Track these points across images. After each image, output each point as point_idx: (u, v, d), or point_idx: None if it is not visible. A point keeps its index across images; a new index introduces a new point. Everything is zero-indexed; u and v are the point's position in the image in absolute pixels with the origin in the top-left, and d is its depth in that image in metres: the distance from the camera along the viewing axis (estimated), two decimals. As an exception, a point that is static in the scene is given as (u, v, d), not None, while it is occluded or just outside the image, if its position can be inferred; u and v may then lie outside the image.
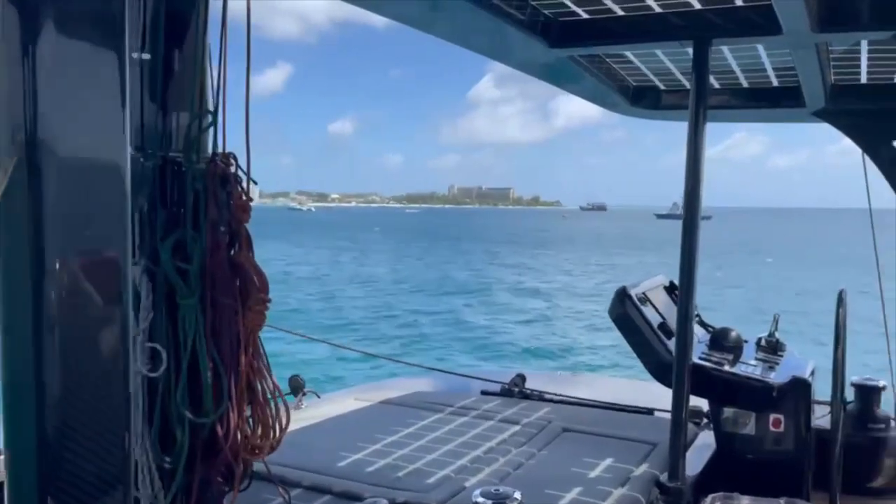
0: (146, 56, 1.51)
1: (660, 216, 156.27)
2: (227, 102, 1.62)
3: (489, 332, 21.65)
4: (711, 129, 2.90)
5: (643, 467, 3.06)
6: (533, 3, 2.84)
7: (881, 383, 3.81)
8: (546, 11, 2.95)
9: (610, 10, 2.89)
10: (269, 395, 1.65)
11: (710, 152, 2.97)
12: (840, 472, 3.10)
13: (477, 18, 2.63)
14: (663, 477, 2.87)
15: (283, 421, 1.67)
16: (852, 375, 3.73)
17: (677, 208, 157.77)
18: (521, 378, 4.32)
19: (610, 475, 2.99)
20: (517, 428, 3.57)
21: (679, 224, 2.88)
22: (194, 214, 1.56)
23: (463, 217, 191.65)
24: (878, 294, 4.14)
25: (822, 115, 4.01)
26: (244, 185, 1.65)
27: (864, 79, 3.76)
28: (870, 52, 3.29)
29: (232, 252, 1.62)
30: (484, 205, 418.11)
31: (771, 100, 4.03)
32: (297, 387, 4.15)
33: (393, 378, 5.03)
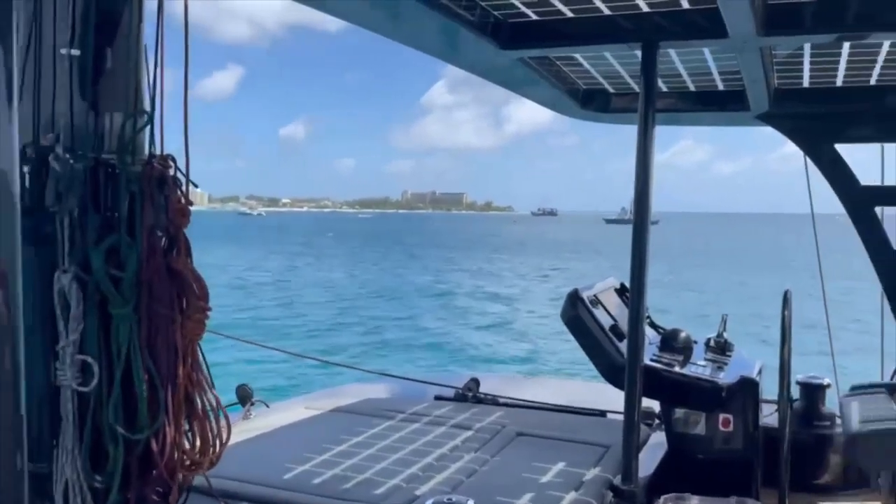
0: (76, 52, 1.45)
1: (609, 221, 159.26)
2: (169, 103, 1.56)
3: (445, 336, 21.45)
4: (658, 135, 2.92)
5: (596, 470, 3.06)
6: (483, 3, 2.83)
7: (826, 381, 3.90)
8: (496, 13, 2.93)
9: (560, 12, 2.89)
10: (209, 408, 1.58)
11: (657, 158, 3.00)
12: (788, 469, 3.16)
13: (427, 19, 2.60)
14: (617, 480, 2.87)
15: (224, 435, 1.60)
16: (798, 374, 3.82)
17: (626, 213, 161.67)
18: (475, 382, 4.30)
19: (563, 480, 2.98)
20: (470, 433, 3.54)
21: (628, 228, 2.90)
22: (129, 219, 1.49)
23: (416, 222, 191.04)
24: (829, 294, 4.25)
25: (765, 118, 4.10)
26: (184, 188, 1.58)
27: (806, 82, 3.85)
28: (812, 55, 3.38)
29: (169, 258, 1.55)
30: (437, 210, 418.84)
31: (716, 103, 4.11)
32: (244, 396, 4.04)
33: (345, 385, 4.93)
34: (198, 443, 1.57)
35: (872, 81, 3.75)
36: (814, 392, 3.88)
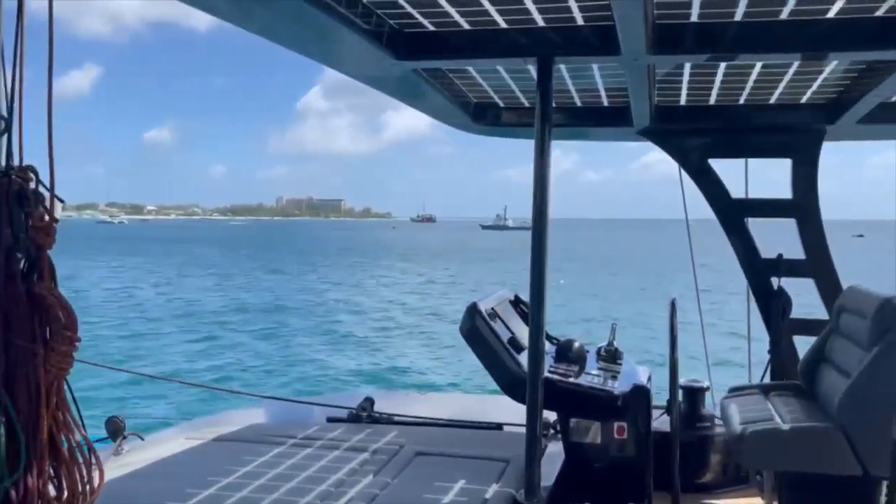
0: None
1: (485, 227, 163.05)
2: (25, 108, 1.40)
3: (333, 354, 20.20)
4: (529, 146, 2.93)
5: (497, 486, 3.01)
6: (379, 12, 2.72)
7: (705, 384, 4.09)
8: (392, 21, 2.84)
9: (456, 24, 2.84)
10: (76, 451, 1.42)
11: (527, 168, 3.00)
12: (678, 471, 3.26)
13: (319, 25, 2.46)
14: (519, 495, 2.83)
15: (96, 480, 1.41)
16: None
17: (501, 219, 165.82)
18: (369, 401, 4.15)
19: (465, 499, 2.91)
20: (367, 455, 3.40)
21: (503, 233, 2.87)
22: None
23: (292, 229, 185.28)
24: (706, 297, 4.45)
25: (646, 133, 4.27)
26: (47, 203, 1.37)
27: (683, 100, 4.04)
28: (690, 75, 3.53)
29: (30, 283, 1.37)
30: (314, 216, 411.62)
31: (601, 119, 4.23)
32: (116, 430, 3.67)
33: (228, 411, 4.61)
34: (65, 492, 1.41)
35: (741, 101, 3.99)
36: (695, 395, 4.06)
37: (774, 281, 4.22)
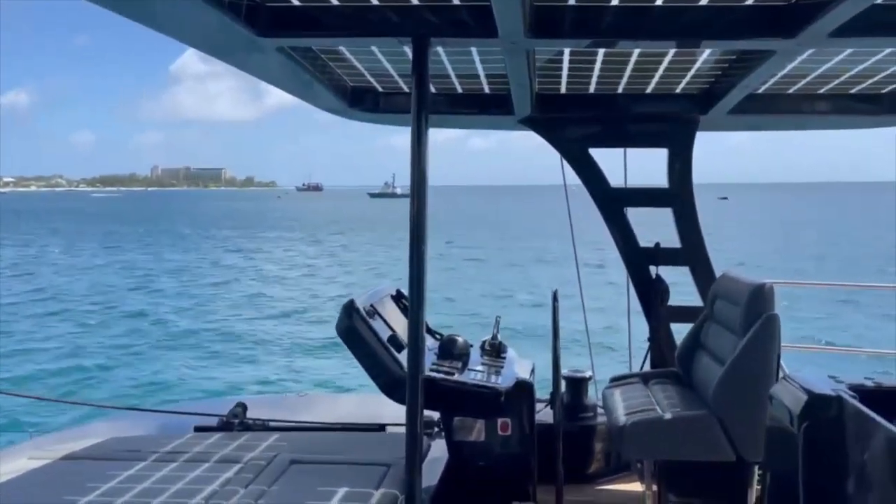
0: None
1: (373, 195, 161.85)
2: None
3: (201, 352, 17.49)
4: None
5: (380, 493, 2.88)
6: None
7: (587, 374, 4.12)
8: None
9: (325, 0, 2.62)
10: None
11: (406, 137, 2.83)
12: (563, 463, 3.27)
13: None
14: (401, 502, 2.72)
15: None
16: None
17: (388, 187, 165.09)
18: (242, 407, 3.89)
19: None
20: (240, 466, 3.18)
21: (391, 201, 2.70)
22: None
23: (168, 200, 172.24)
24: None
25: (527, 122, 4.20)
26: None
27: (563, 88, 3.98)
28: (570, 62, 3.47)
29: None
30: (193, 187, 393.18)
31: (482, 106, 4.12)
32: None
33: (82, 425, 4.19)
34: None
35: (620, 90, 3.99)
36: (577, 385, 4.09)
37: (653, 270, 4.30)
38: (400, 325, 3.51)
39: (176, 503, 2.76)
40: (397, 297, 3.85)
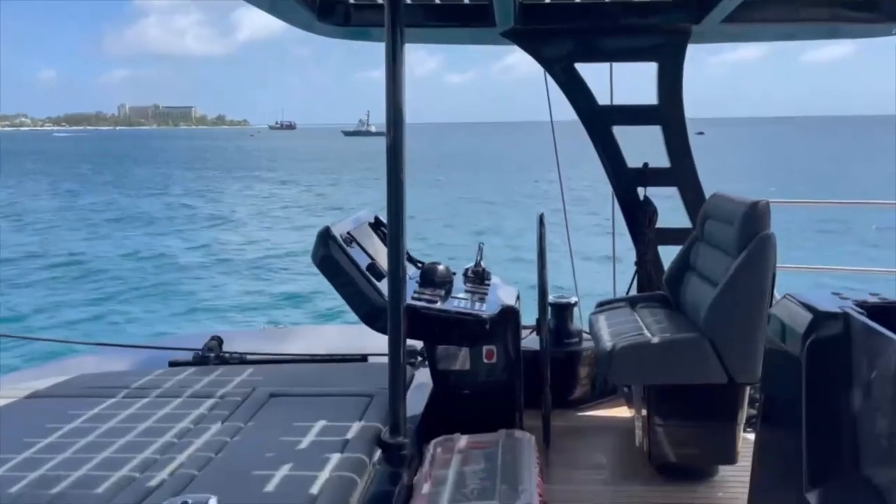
0: None
1: (347, 133, 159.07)
2: None
3: (176, 288, 17.26)
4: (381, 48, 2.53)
5: (361, 424, 2.77)
6: None
7: (573, 300, 4.03)
8: None
9: None
10: None
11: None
12: (549, 389, 3.18)
13: None
14: (385, 433, 2.62)
15: None
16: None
17: (363, 125, 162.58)
18: (217, 341, 3.73)
19: (326, 440, 2.65)
20: (215, 401, 3.05)
21: (366, 140, 2.51)
22: None
23: (133, 139, 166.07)
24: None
25: (510, 35, 3.97)
26: None
27: None
28: None
29: None
30: (162, 125, 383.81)
31: (462, 18, 3.89)
32: None
33: (48, 362, 4.01)
34: None
35: None
36: (563, 311, 4.00)
37: (640, 192, 4.15)
38: (379, 253, 3.36)
39: (144, 441, 2.63)
40: (375, 225, 3.68)
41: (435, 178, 42.30)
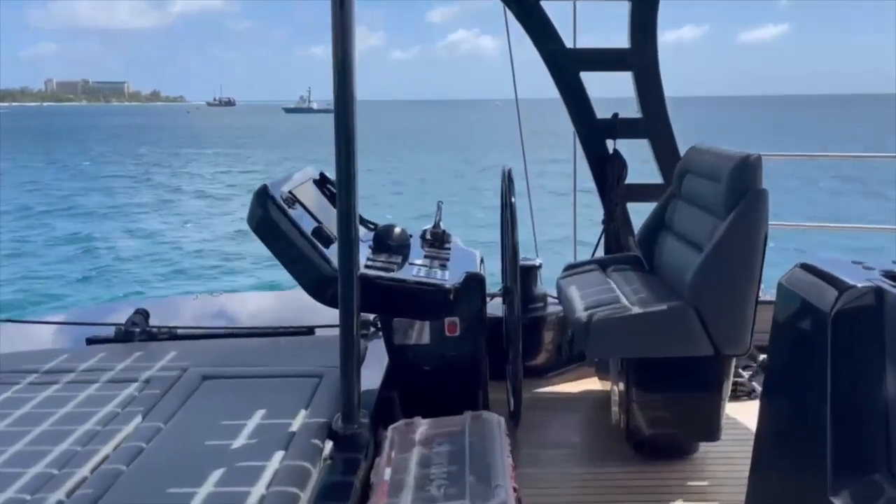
0: None
1: (288, 110, 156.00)
2: None
3: (98, 258, 16.64)
4: (324, 24, 2.16)
5: (308, 413, 2.40)
6: None
7: (538, 262, 3.75)
8: None
9: None
10: None
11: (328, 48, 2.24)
12: (518, 358, 2.91)
13: None
14: (336, 422, 2.27)
15: None
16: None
17: (304, 102, 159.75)
18: (143, 314, 3.30)
19: (272, 424, 2.30)
20: (141, 383, 2.66)
21: (308, 116, 2.13)
22: None
23: (60, 116, 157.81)
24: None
25: None
26: None
27: None
28: None
29: None
30: (93, 102, 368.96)
31: None
32: None
33: None
34: None
35: None
36: (527, 274, 3.72)
37: (609, 145, 3.87)
38: (327, 214, 2.99)
39: (61, 431, 2.26)
40: (321, 182, 3.30)
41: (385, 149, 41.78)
